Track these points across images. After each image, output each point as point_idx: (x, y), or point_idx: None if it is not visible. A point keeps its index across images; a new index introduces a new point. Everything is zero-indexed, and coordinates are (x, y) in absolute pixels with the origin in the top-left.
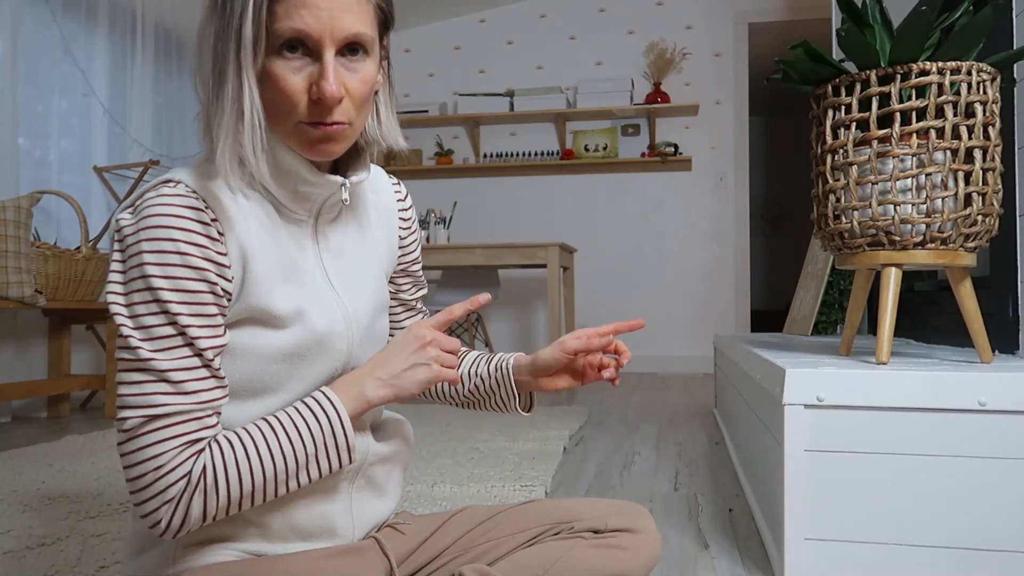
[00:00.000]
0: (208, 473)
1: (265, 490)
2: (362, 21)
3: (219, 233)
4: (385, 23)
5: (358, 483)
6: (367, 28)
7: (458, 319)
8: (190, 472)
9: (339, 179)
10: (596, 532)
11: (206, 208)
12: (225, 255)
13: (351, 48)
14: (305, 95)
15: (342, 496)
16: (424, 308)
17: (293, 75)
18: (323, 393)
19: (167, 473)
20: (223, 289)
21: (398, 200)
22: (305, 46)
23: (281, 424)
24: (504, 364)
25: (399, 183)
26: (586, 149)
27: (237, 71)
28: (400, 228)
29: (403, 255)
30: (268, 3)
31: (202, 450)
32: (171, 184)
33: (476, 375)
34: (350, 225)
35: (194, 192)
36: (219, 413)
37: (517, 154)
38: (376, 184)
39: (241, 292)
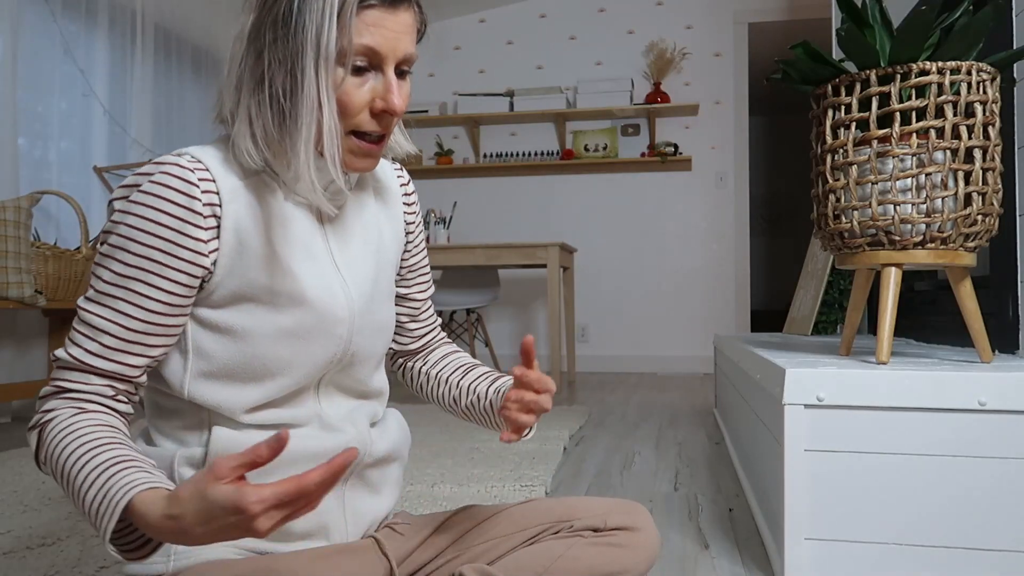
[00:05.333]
0: (44, 431)
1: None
2: (413, 43)
3: (207, 204)
4: (419, 38)
5: (351, 482)
6: (415, 47)
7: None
8: (45, 412)
9: (340, 170)
10: (595, 530)
11: (201, 180)
12: (207, 230)
13: (400, 68)
14: (366, 108)
15: (334, 494)
16: (432, 313)
17: (357, 90)
18: (126, 487)
19: (41, 405)
20: (198, 264)
21: (401, 185)
22: (369, 61)
23: (87, 464)
24: (499, 392)
25: (402, 169)
26: (586, 149)
27: (316, 81)
28: (405, 213)
29: (407, 243)
30: (351, 19)
31: (69, 398)
32: (176, 155)
33: (474, 393)
34: (356, 211)
35: (199, 162)
36: (123, 380)
37: (517, 154)
38: (379, 170)
39: (237, 266)
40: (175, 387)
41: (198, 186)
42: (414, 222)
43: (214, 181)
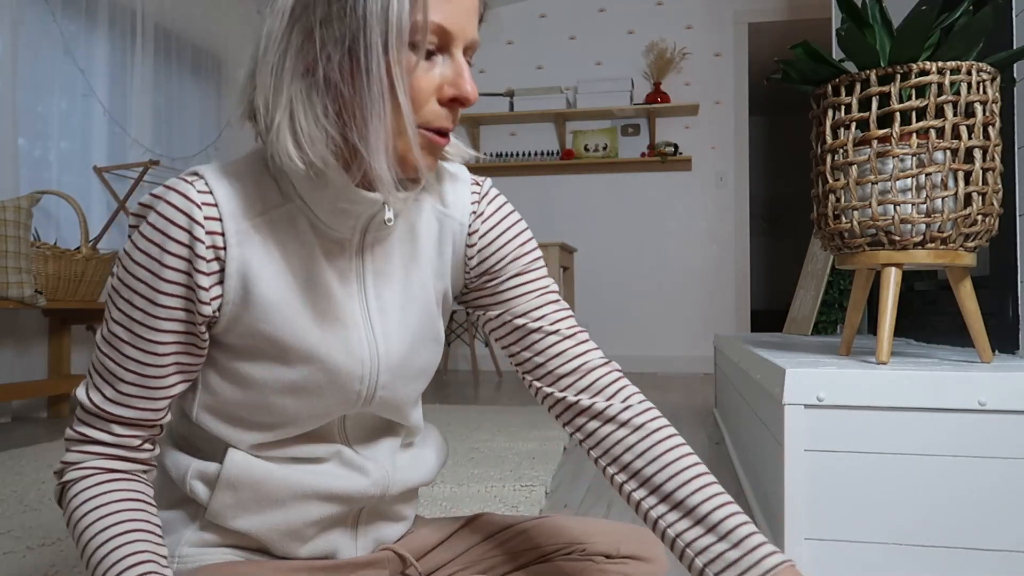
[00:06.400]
0: (67, 491)
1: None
2: (476, 26)
3: (210, 247)
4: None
5: (366, 512)
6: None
7: None
8: (69, 465)
9: (378, 197)
10: (607, 557)
11: (206, 219)
12: (209, 275)
13: (467, 50)
14: (434, 97)
15: (348, 525)
16: (578, 331)
17: (425, 75)
18: None
19: (65, 452)
20: (200, 313)
21: (472, 203)
22: (439, 42)
23: (104, 559)
24: None
25: (480, 184)
26: (586, 149)
27: (386, 60)
28: (467, 247)
29: (480, 275)
30: None
31: (94, 453)
32: (186, 182)
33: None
34: (405, 242)
35: (209, 194)
36: (147, 426)
37: (517, 154)
38: (448, 192)
39: (242, 315)
40: (186, 409)
41: (203, 226)
42: (494, 251)
43: (220, 220)
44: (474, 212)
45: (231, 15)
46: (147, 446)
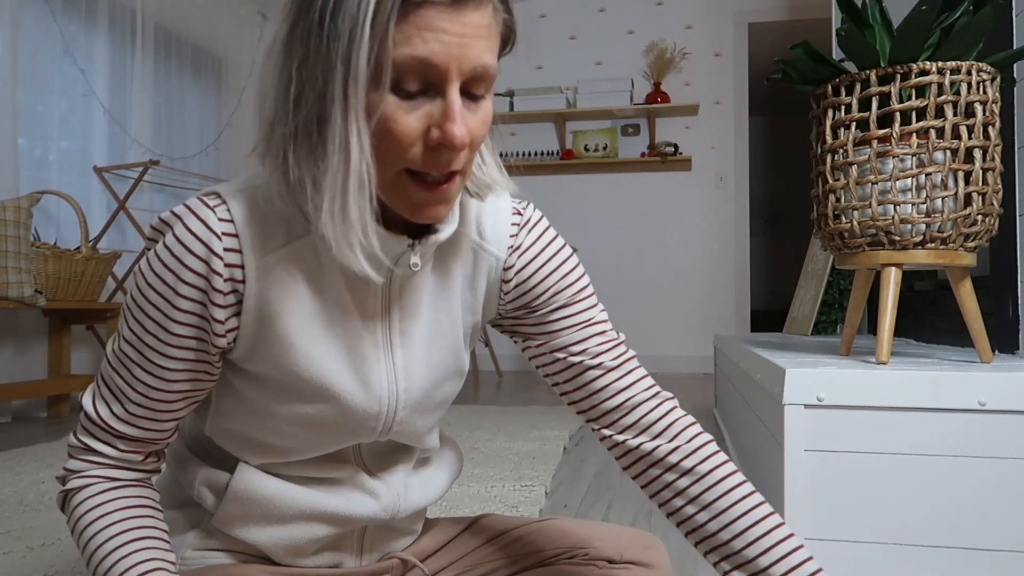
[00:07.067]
0: (71, 499)
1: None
2: (491, 49)
3: (227, 280)
4: (503, 46)
5: (373, 528)
6: (494, 58)
7: None
8: (71, 472)
9: (405, 240)
10: (610, 562)
11: (226, 251)
12: (225, 308)
13: (472, 83)
14: (420, 140)
15: (353, 541)
16: (625, 360)
17: (407, 115)
18: None
19: (68, 458)
20: (214, 344)
21: (510, 247)
22: (423, 79)
23: (111, 568)
24: None
25: (520, 215)
26: (586, 149)
27: (344, 108)
28: (503, 282)
29: (516, 308)
30: (390, 22)
31: (97, 463)
32: (207, 207)
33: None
34: (436, 275)
35: (231, 222)
36: (151, 443)
37: (517, 154)
38: (487, 224)
39: (259, 349)
40: (199, 420)
41: (221, 258)
42: (531, 287)
43: (240, 252)
44: (511, 246)
45: (231, 16)
46: (151, 459)
